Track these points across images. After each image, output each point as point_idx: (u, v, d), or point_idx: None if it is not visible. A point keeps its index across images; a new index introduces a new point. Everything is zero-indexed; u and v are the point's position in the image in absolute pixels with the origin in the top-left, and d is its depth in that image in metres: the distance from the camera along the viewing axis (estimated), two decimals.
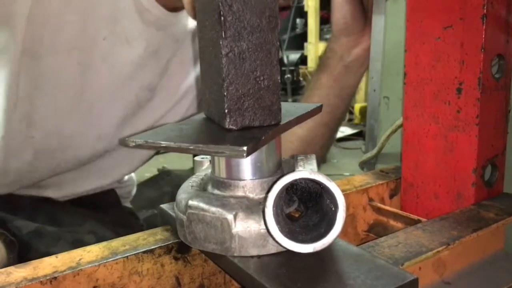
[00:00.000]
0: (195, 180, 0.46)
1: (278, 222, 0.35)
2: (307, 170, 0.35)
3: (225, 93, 0.37)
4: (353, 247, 0.39)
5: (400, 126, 0.66)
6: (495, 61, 0.53)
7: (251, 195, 0.41)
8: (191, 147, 0.36)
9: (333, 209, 0.35)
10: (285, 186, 0.35)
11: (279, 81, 0.40)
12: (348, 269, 0.36)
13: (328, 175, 0.35)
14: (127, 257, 0.44)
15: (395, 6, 0.74)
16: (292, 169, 0.40)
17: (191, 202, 0.41)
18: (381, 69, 0.78)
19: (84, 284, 0.42)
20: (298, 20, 4.93)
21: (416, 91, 0.58)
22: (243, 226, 0.38)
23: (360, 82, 0.90)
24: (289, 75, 3.87)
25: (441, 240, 0.44)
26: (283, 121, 0.41)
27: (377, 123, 0.80)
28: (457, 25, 0.52)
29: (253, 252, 0.39)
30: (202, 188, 0.45)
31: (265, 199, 0.35)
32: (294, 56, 4.48)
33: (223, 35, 0.36)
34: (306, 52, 4.48)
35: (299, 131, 0.88)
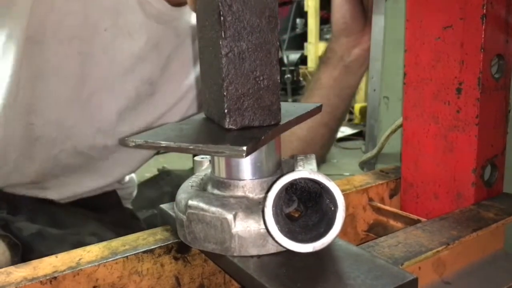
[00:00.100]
0: (195, 180, 0.47)
1: (277, 222, 0.35)
2: (306, 170, 0.35)
3: (224, 93, 0.37)
4: (353, 247, 0.40)
5: (400, 126, 0.66)
6: (495, 61, 0.53)
7: (251, 195, 0.41)
8: (191, 147, 0.36)
9: (332, 208, 0.35)
10: (284, 186, 0.35)
11: (279, 81, 0.40)
12: (347, 268, 0.36)
13: (328, 175, 0.35)
14: (127, 257, 0.44)
15: (395, 6, 0.74)
16: (292, 169, 0.40)
17: (191, 202, 0.41)
18: (381, 69, 0.78)
19: (84, 284, 0.42)
20: (298, 20, 4.93)
21: (416, 91, 0.58)
22: (242, 226, 0.38)
23: (360, 82, 0.90)
24: (289, 75, 3.87)
25: (440, 240, 0.44)
26: (282, 121, 0.41)
27: (377, 123, 0.80)
28: (457, 25, 0.52)
29: (252, 252, 0.39)
30: (202, 188, 0.45)
31: (264, 199, 0.35)
32: (294, 56, 4.48)
33: (222, 35, 0.36)
34: (306, 52, 4.48)
35: (299, 131, 0.88)
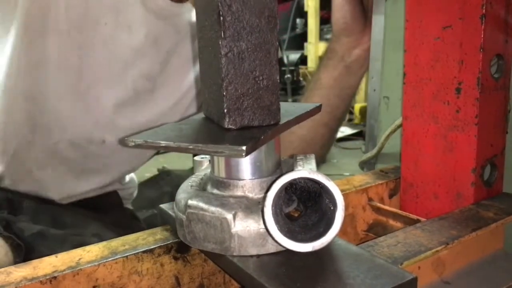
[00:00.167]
0: (194, 180, 0.47)
1: (277, 222, 0.35)
2: (306, 170, 0.35)
3: (224, 93, 0.38)
4: (352, 247, 0.40)
5: (399, 126, 0.66)
6: (494, 61, 0.53)
7: (250, 195, 0.41)
8: (191, 146, 0.36)
9: (332, 208, 0.35)
10: (284, 185, 0.36)
11: (278, 81, 0.40)
12: (347, 268, 0.36)
13: (328, 175, 0.35)
14: (126, 256, 0.44)
15: (395, 6, 0.74)
16: (291, 169, 0.40)
17: (190, 202, 0.41)
18: (381, 69, 0.78)
19: (84, 283, 0.42)
20: (298, 20, 4.92)
21: (416, 91, 0.58)
22: (242, 225, 0.38)
23: (360, 82, 0.90)
24: (289, 75, 3.86)
25: (440, 240, 0.44)
26: (282, 121, 0.41)
27: (377, 123, 0.80)
28: (456, 25, 0.52)
29: (252, 251, 0.39)
30: (202, 188, 0.45)
31: (264, 198, 0.35)
32: (294, 56, 4.47)
33: (222, 35, 0.36)
34: (306, 52, 4.47)
35: (299, 131, 0.88)
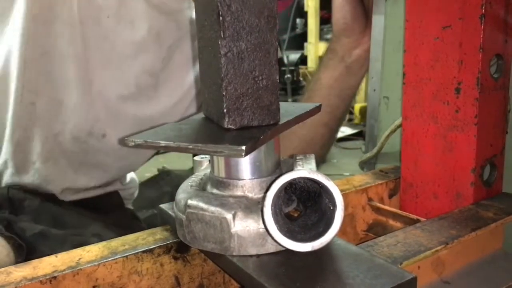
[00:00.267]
0: (194, 179, 0.47)
1: (277, 221, 0.35)
2: (305, 170, 0.35)
3: (224, 93, 0.38)
4: (352, 246, 0.40)
5: (399, 126, 0.66)
6: (494, 61, 0.53)
7: (250, 195, 0.41)
8: (190, 146, 0.36)
9: (331, 208, 0.35)
10: (283, 185, 0.36)
11: (278, 81, 0.40)
12: (347, 268, 0.36)
13: (328, 175, 0.35)
14: (126, 256, 0.44)
15: (395, 6, 0.74)
16: (291, 169, 0.40)
17: (190, 202, 0.41)
18: (381, 69, 0.78)
19: (84, 283, 0.42)
20: (298, 20, 4.92)
21: (415, 91, 0.58)
22: (242, 225, 0.38)
23: (361, 83, 0.90)
24: (289, 75, 3.86)
25: (440, 240, 0.44)
26: (282, 121, 0.41)
27: (377, 123, 0.80)
28: (456, 25, 0.52)
29: (252, 251, 0.39)
30: (201, 187, 0.45)
31: (263, 198, 0.35)
32: (294, 56, 4.47)
33: (221, 35, 0.36)
34: (306, 52, 4.47)
35: (299, 131, 0.88)
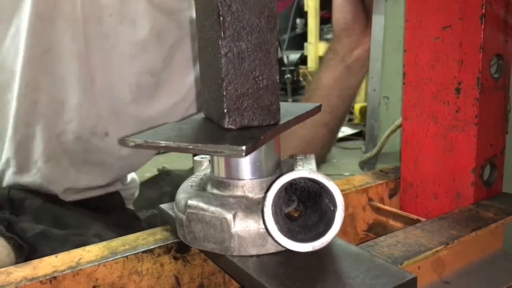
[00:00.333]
0: (194, 180, 0.47)
1: (277, 222, 0.35)
2: (306, 170, 0.35)
3: (224, 93, 0.38)
4: (352, 247, 0.40)
5: (399, 126, 0.66)
6: (494, 61, 0.53)
7: (250, 195, 0.41)
8: (190, 146, 0.36)
9: (332, 208, 0.35)
10: (284, 185, 0.36)
11: (278, 81, 0.40)
12: (347, 268, 0.36)
13: (328, 175, 0.35)
14: (126, 256, 0.44)
15: (395, 6, 0.74)
16: (291, 169, 0.40)
17: (190, 202, 0.41)
18: (381, 69, 0.78)
19: (84, 283, 0.42)
20: (298, 20, 4.92)
21: (415, 91, 0.58)
22: (242, 225, 0.38)
23: (361, 83, 0.90)
24: (289, 75, 3.86)
25: (440, 240, 0.44)
26: (282, 121, 0.41)
27: (377, 123, 0.80)
28: (456, 25, 0.52)
29: (252, 251, 0.39)
30: (202, 187, 0.45)
31: (264, 198, 0.35)
32: (294, 56, 4.47)
33: (222, 35, 0.36)
34: (306, 52, 4.47)
35: (300, 131, 0.88)
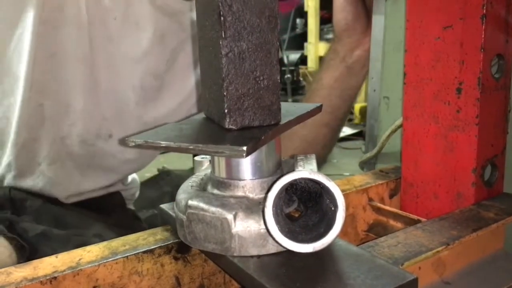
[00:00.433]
0: (195, 180, 0.46)
1: (277, 222, 0.35)
2: (306, 170, 0.35)
3: (225, 93, 0.37)
4: (353, 247, 0.40)
5: (400, 126, 0.66)
6: (495, 61, 0.53)
7: (251, 195, 0.41)
8: (191, 147, 0.36)
9: (332, 209, 0.35)
10: (284, 186, 0.35)
11: (279, 81, 0.40)
12: (347, 268, 0.36)
13: (328, 175, 0.35)
14: (127, 257, 0.44)
15: (395, 6, 0.74)
16: (292, 169, 0.40)
17: (191, 202, 0.41)
18: (381, 69, 0.78)
19: (84, 284, 0.42)
20: (298, 20, 4.92)
21: (416, 91, 0.58)
22: (243, 226, 0.38)
23: (362, 83, 0.89)
24: (289, 75, 3.86)
25: (440, 240, 0.44)
26: (283, 121, 0.41)
27: (377, 123, 0.80)
28: (456, 25, 0.52)
29: (253, 252, 0.39)
30: (202, 188, 0.45)
31: (264, 199, 0.35)
32: (294, 56, 4.47)
33: (223, 35, 0.36)
34: (306, 52, 4.47)
35: (301, 131, 0.88)
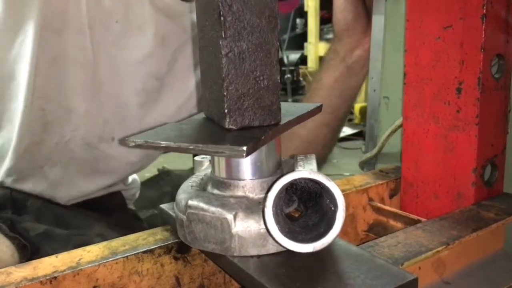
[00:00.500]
0: (195, 180, 0.46)
1: (277, 222, 0.35)
2: (306, 170, 0.35)
3: (225, 93, 0.37)
4: (353, 247, 0.40)
5: (400, 126, 0.66)
6: (495, 61, 0.53)
7: (251, 195, 0.41)
8: (191, 147, 0.36)
9: (332, 208, 0.35)
10: (284, 186, 0.35)
11: (279, 81, 0.40)
12: (347, 268, 0.36)
13: (328, 175, 0.35)
14: (127, 257, 0.44)
15: (395, 6, 0.74)
16: (292, 169, 0.40)
17: (191, 202, 0.41)
18: (381, 69, 0.78)
19: (84, 284, 0.42)
20: (298, 20, 4.93)
21: (416, 91, 0.58)
22: (243, 226, 0.38)
23: (362, 83, 0.89)
24: (289, 75, 3.87)
25: (440, 240, 0.44)
26: (283, 121, 0.41)
27: (377, 123, 0.80)
28: (457, 25, 0.52)
29: (253, 252, 0.39)
30: (202, 188, 0.45)
31: (264, 199, 0.35)
32: (294, 56, 4.48)
33: (223, 35, 0.36)
34: (306, 52, 4.48)
35: (301, 131, 0.88)
